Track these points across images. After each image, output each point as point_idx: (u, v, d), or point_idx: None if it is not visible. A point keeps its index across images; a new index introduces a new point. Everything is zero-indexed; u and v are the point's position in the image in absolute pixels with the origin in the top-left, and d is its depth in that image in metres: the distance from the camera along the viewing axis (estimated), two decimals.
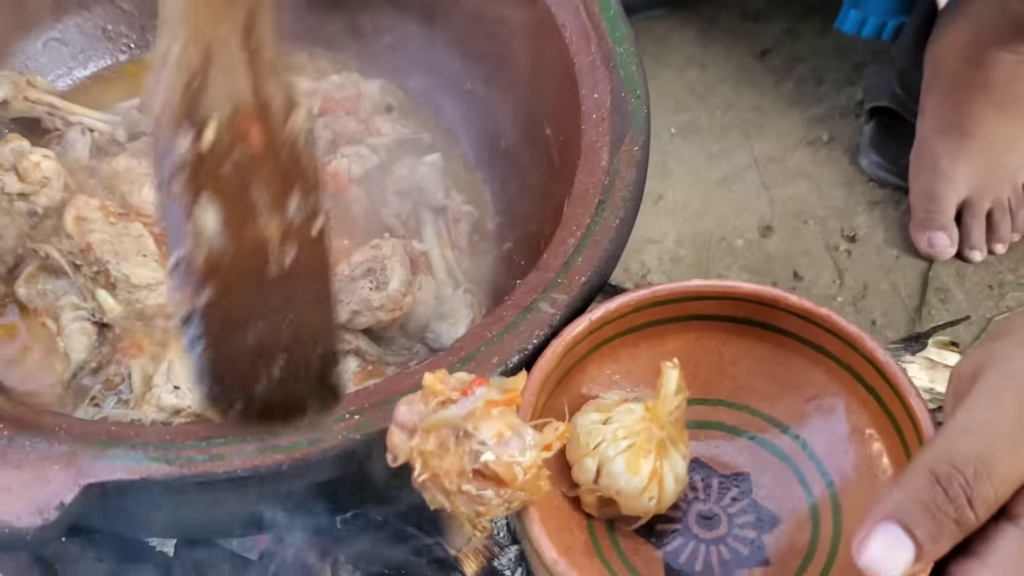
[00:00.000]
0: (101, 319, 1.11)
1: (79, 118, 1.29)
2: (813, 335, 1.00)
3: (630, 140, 1.01)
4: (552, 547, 0.82)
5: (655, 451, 0.91)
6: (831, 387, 1.01)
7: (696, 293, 1.00)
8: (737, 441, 1.03)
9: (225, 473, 0.80)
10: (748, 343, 1.03)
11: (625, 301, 0.95)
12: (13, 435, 0.81)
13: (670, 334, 1.02)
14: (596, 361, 1.00)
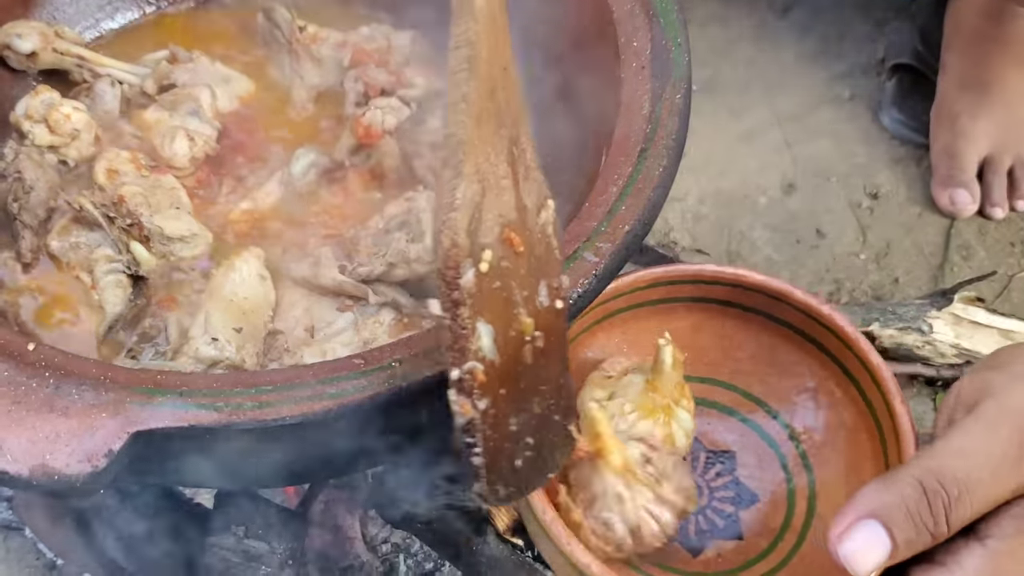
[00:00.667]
0: (136, 271, 1.11)
1: (108, 70, 1.28)
2: (813, 330, 1.05)
3: (671, 88, 0.99)
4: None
5: (665, 417, 0.97)
6: (823, 381, 1.07)
7: (709, 277, 1.06)
8: (729, 421, 1.09)
9: (274, 420, 0.79)
10: (754, 330, 1.09)
11: (639, 277, 0.99)
12: (59, 382, 0.80)
13: (680, 312, 1.08)
14: (606, 329, 1.05)
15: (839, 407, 1.06)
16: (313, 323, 1.12)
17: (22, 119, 1.20)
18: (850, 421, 1.05)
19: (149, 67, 1.31)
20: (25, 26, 1.26)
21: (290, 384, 0.82)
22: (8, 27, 1.25)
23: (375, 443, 0.92)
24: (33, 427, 0.77)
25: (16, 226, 1.14)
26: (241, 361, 1.05)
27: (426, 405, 0.85)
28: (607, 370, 1.04)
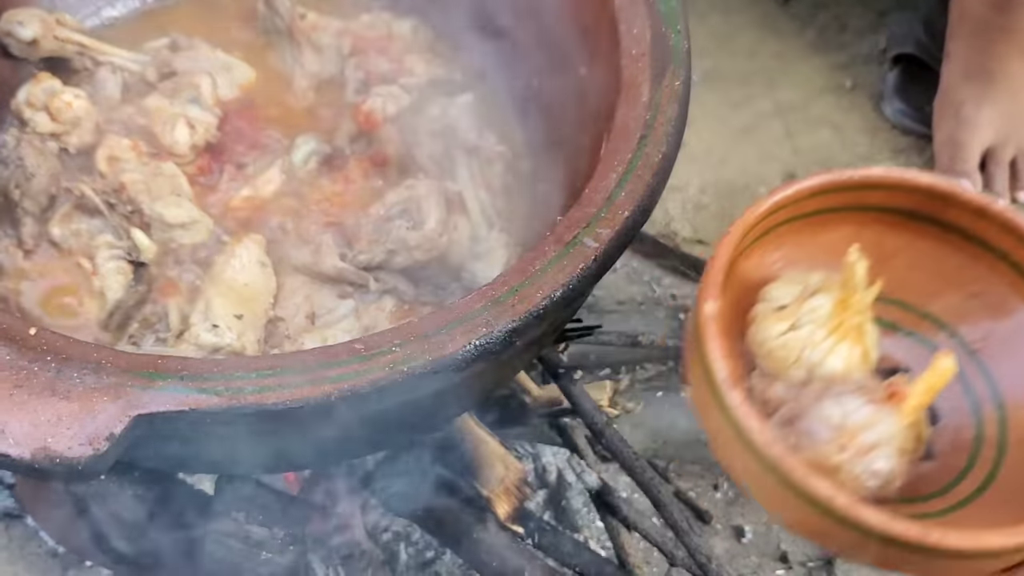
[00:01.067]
0: (137, 258, 1.11)
1: (109, 58, 1.28)
2: (982, 230, 0.98)
3: (671, 75, 1.00)
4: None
5: (857, 337, 0.91)
6: (995, 284, 0.99)
7: (874, 182, 0.98)
8: (895, 336, 1.01)
9: (274, 404, 0.79)
10: (909, 236, 1.01)
11: (803, 187, 0.95)
12: (60, 366, 0.81)
13: (832, 224, 1.00)
14: (760, 248, 0.99)
15: (1014, 308, 0.98)
16: (314, 310, 1.13)
17: (23, 106, 1.20)
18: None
19: (150, 55, 1.31)
20: (26, 13, 1.25)
21: (290, 368, 0.82)
22: (9, 14, 1.25)
23: (376, 429, 0.92)
24: (35, 411, 0.78)
25: (17, 212, 1.14)
26: (242, 348, 1.05)
27: (427, 390, 0.85)
28: (774, 298, 0.97)
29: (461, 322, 0.85)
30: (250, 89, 1.31)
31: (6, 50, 1.27)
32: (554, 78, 1.22)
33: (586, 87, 1.15)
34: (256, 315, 1.09)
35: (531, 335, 0.86)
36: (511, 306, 0.86)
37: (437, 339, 0.84)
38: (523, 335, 0.85)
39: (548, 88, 1.24)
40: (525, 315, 0.85)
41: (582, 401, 1.28)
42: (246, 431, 0.84)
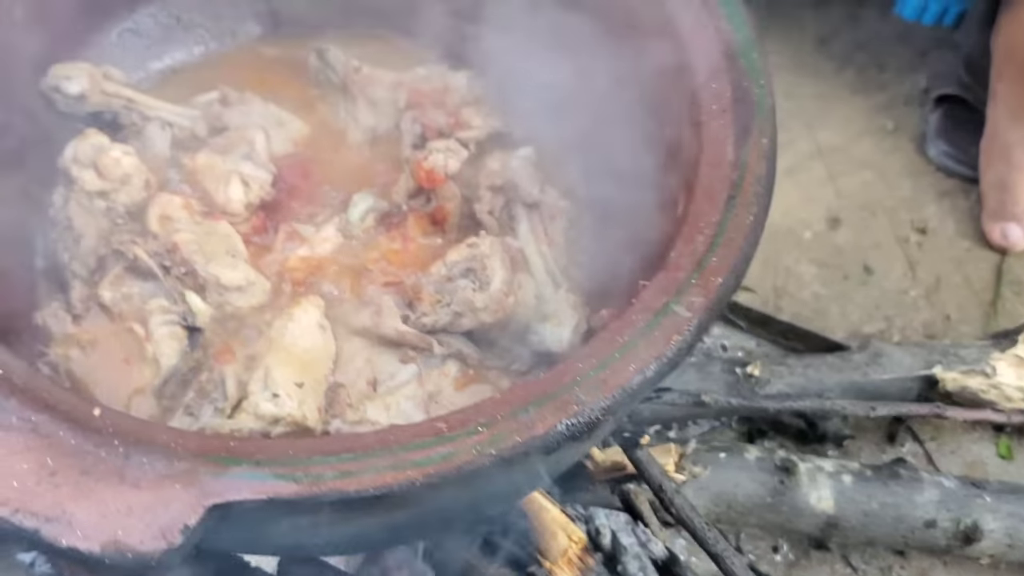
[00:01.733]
0: (192, 323, 1.06)
1: (157, 112, 1.24)
2: None
3: (758, 131, 0.95)
4: None
5: None
6: None
7: None
8: None
9: (356, 491, 0.75)
10: None
11: None
12: (128, 451, 0.76)
13: None
14: None
15: None
16: (375, 375, 1.08)
17: (70, 164, 1.16)
18: None
19: (199, 109, 1.27)
20: (73, 68, 1.22)
21: (371, 452, 0.77)
22: (57, 69, 1.21)
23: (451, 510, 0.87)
24: (103, 500, 0.73)
25: (66, 275, 1.10)
26: (303, 417, 1.00)
27: (513, 472, 0.80)
28: None
29: (549, 399, 0.80)
30: (303, 144, 1.27)
31: (53, 106, 1.23)
32: (620, 132, 1.17)
33: (656, 142, 1.10)
34: (317, 382, 1.04)
35: (623, 412, 0.81)
36: (602, 382, 0.81)
37: (525, 418, 0.79)
38: (615, 413, 0.80)
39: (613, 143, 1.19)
40: (618, 392, 0.80)
41: (649, 467, 1.22)
42: (323, 517, 0.79)
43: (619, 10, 1.11)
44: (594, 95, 1.22)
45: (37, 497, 0.73)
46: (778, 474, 1.45)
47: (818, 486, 1.46)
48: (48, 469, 0.75)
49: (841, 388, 1.62)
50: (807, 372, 1.64)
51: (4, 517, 0.72)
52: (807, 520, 1.47)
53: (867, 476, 1.49)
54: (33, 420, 0.77)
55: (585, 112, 1.24)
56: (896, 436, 1.79)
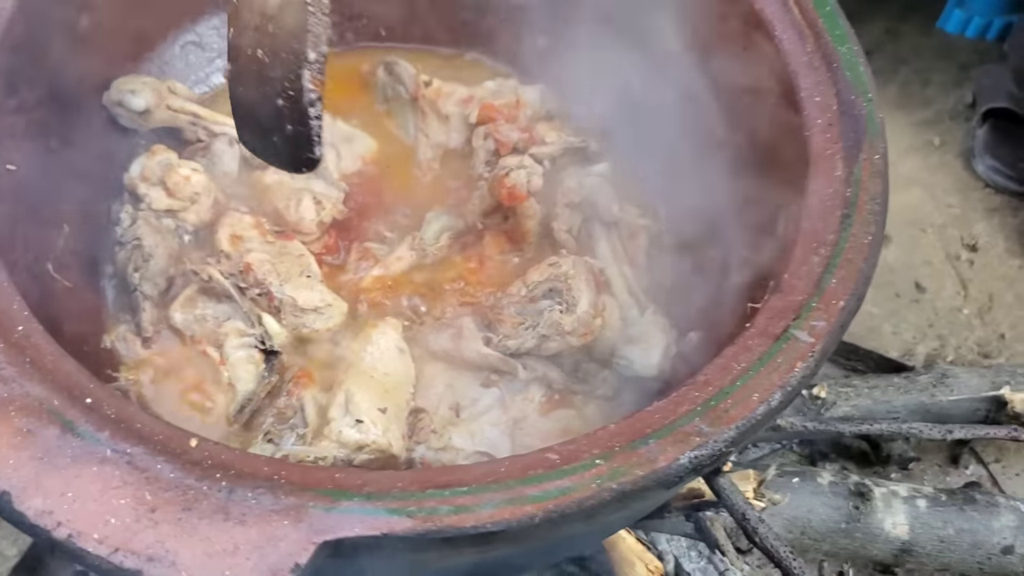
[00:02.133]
0: (270, 346, 1.02)
1: (224, 128, 1.20)
2: None
3: (868, 148, 0.91)
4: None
5: None
6: None
7: None
8: None
9: (473, 527, 0.70)
10: None
11: None
12: (232, 485, 0.72)
13: None
14: None
15: None
16: (457, 401, 1.04)
17: (137, 181, 1.13)
18: None
19: None
20: (137, 82, 1.18)
21: (485, 485, 0.73)
22: (120, 83, 1.17)
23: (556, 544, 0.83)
24: (207, 538, 0.69)
25: (136, 297, 1.06)
26: (388, 444, 0.96)
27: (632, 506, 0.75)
28: None
29: (669, 431, 0.76)
30: (371, 161, 1.23)
31: (115, 121, 1.19)
32: (704, 148, 1.13)
33: (746, 157, 1.06)
34: (399, 407, 1.00)
35: (745, 444, 0.77)
36: (724, 412, 0.76)
37: (645, 451, 0.74)
38: (739, 444, 0.76)
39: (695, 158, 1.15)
40: (741, 423, 0.76)
41: (731, 495, 1.17)
42: (429, 555, 0.75)
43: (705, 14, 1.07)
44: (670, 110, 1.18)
45: (137, 535, 0.69)
46: (852, 499, 1.41)
47: (893, 511, 1.41)
48: (147, 505, 0.70)
49: (908, 409, 1.58)
50: (873, 393, 1.59)
51: (103, 556, 0.68)
52: (880, 546, 1.42)
53: (942, 501, 1.45)
54: (129, 452, 0.73)
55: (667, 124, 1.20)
56: (960, 458, 1.75)
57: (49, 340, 0.80)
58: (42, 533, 0.69)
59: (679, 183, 1.15)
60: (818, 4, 1.00)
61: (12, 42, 0.99)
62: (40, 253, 1.03)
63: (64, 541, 0.68)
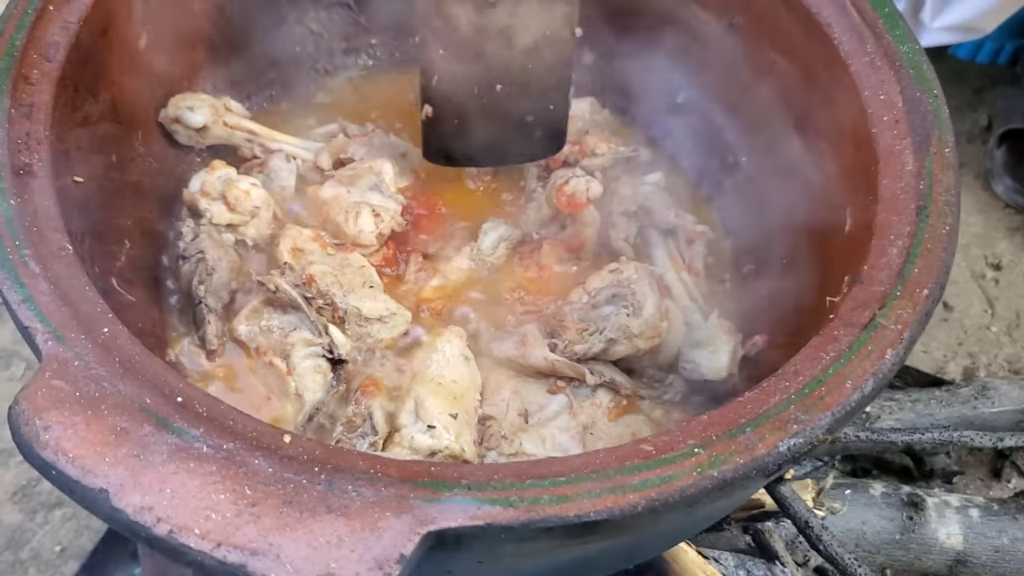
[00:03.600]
0: (338, 355, 1.02)
1: (280, 145, 1.21)
2: None
3: (938, 142, 0.92)
4: None
5: None
6: None
7: None
8: None
9: (576, 516, 0.70)
10: None
11: None
12: (331, 478, 0.71)
13: None
14: None
15: None
16: (525, 407, 1.03)
17: (198, 196, 1.13)
18: None
19: (320, 141, 1.24)
20: (195, 99, 1.19)
21: (584, 475, 0.72)
22: (178, 99, 1.18)
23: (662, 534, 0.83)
24: (311, 531, 0.68)
25: (200, 310, 1.05)
26: (461, 450, 0.96)
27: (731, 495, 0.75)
28: None
29: (765, 419, 0.75)
30: (425, 174, 1.23)
31: (171, 138, 1.19)
32: (758, 151, 1.14)
33: (805, 159, 1.07)
34: (469, 413, 1.00)
35: (840, 431, 0.77)
36: (818, 399, 0.76)
37: (743, 439, 0.74)
38: (835, 432, 0.76)
39: (750, 162, 1.16)
40: (837, 410, 0.75)
41: (793, 503, 1.17)
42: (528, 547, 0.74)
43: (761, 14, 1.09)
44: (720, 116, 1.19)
45: (239, 529, 0.68)
46: (906, 510, 1.40)
47: (946, 522, 1.40)
48: (247, 499, 0.70)
49: (951, 422, 1.58)
50: (916, 407, 1.59)
51: (206, 551, 0.67)
52: (935, 557, 1.41)
53: (994, 510, 1.44)
54: (225, 448, 0.72)
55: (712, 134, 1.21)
56: (1002, 471, 1.74)
57: (135, 341, 0.79)
58: (142, 530, 0.68)
59: (724, 193, 1.16)
60: (877, 5, 1.01)
61: (78, 56, 0.99)
62: (105, 267, 1.02)
63: (165, 537, 0.67)
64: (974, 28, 1.98)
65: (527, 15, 1.03)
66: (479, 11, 1.02)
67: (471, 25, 1.03)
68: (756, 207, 1.14)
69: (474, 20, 1.03)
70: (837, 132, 1.01)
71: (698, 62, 1.19)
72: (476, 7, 1.01)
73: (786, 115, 1.09)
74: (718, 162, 1.20)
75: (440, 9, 1.02)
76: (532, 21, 1.03)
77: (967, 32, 2.00)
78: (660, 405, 1.06)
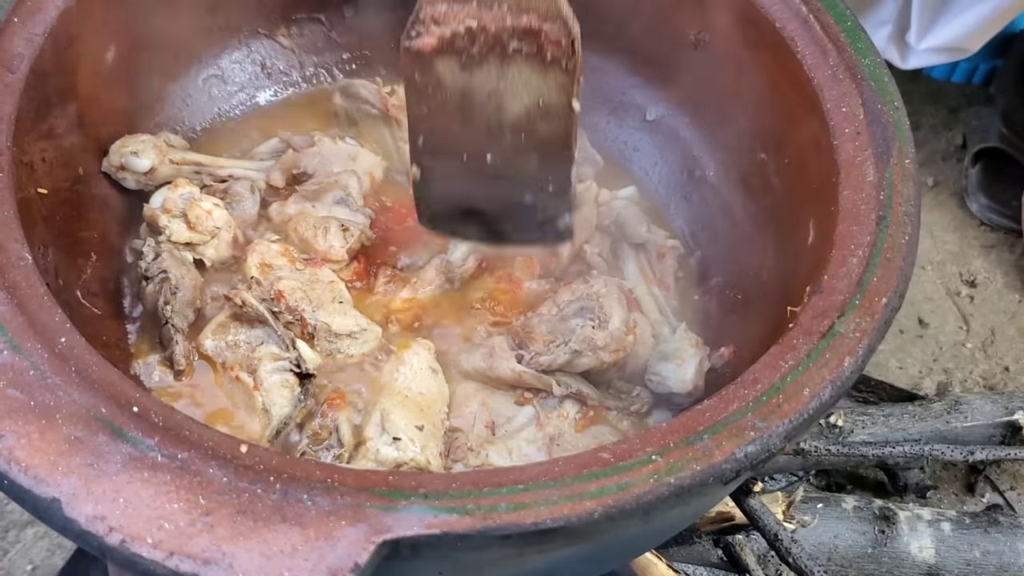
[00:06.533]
0: (306, 370, 1.01)
1: (229, 171, 1.20)
2: None
3: (898, 153, 0.93)
4: None
5: None
6: None
7: None
8: None
9: (533, 524, 0.69)
10: None
11: None
12: (286, 487, 0.71)
13: None
14: None
15: None
16: (492, 419, 1.03)
17: (159, 212, 1.12)
18: None
19: (268, 159, 1.23)
20: (136, 142, 1.16)
21: (542, 483, 0.72)
22: (118, 146, 1.15)
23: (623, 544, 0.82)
24: (265, 540, 0.68)
25: (167, 331, 1.04)
26: (426, 462, 0.95)
27: (688, 504, 0.75)
28: None
29: (722, 426, 0.76)
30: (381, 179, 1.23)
31: (120, 186, 1.17)
32: (723, 166, 1.15)
33: (767, 172, 1.08)
34: (435, 425, 1.00)
35: (798, 439, 0.77)
36: (776, 407, 0.76)
37: (701, 446, 0.74)
38: (792, 439, 0.76)
39: (715, 177, 1.17)
40: (796, 417, 0.76)
41: (762, 516, 1.17)
42: (485, 555, 0.74)
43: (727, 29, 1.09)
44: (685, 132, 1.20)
45: (192, 539, 0.67)
46: (877, 523, 1.40)
47: (918, 535, 1.41)
48: (201, 509, 0.69)
49: (924, 436, 1.58)
50: (889, 421, 1.59)
51: (158, 561, 0.67)
52: (907, 571, 1.41)
53: (966, 524, 1.44)
54: (180, 458, 0.72)
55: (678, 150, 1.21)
56: (975, 486, 1.74)
57: (92, 351, 0.79)
58: (94, 540, 0.67)
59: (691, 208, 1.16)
60: (839, 19, 1.02)
61: (43, 68, 0.99)
62: (69, 280, 1.02)
63: (117, 547, 0.67)
64: (960, 48, 2.00)
65: (518, 79, 0.93)
66: (465, 69, 0.94)
67: (456, 84, 0.95)
68: (723, 220, 1.14)
69: (459, 78, 0.95)
70: (800, 145, 1.01)
71: (663, 78, 1.19)
72: (461, 64, 0.93)
73: (751, 129, 1.10)
74: (683, 179, 1.20)
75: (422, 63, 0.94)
76: (524, 87, 0.93)
77: (953, 53, 2.03)
78: (627, 416, 1.06)
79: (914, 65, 2.05)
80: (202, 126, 1.30)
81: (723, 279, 1.14)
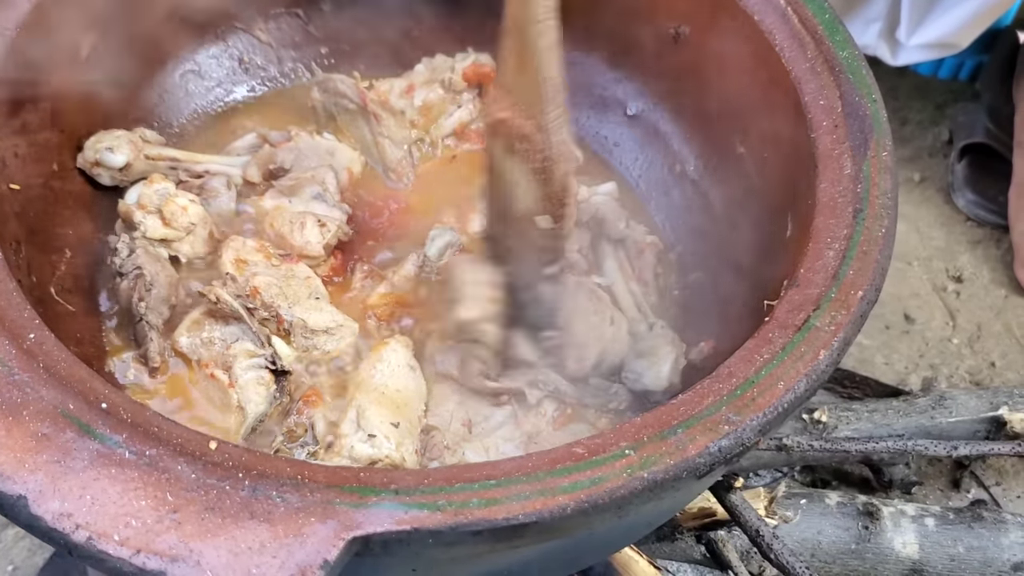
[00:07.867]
0: (281, 367, 1.01)
1: (205, 166, 1.19)
2: None
3: (876, 145, 0.92)
4: None
5: None
6: None
7: None
8: None
9: (504, 519, 0.69)
10: None
11: None
12: (255, 484, 0.70)
13: None
14: None
15: None
16: (470, 417, 1.02)
17: (134, 208, 1.11)
18: None
19: (242, 155, 1.22)
20: (111, 137, 1.15)
21: (514, 478, 0.71)
22: (93, 142, 1.15)
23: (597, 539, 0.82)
24: (233, 537, 0.67)
25: (142, 328, 1.03)
26: (401, 460, 0.95)
27: (662, 499, 0.74)
28: None
29: (696, 420, 0.75)
30: (359, 173, 1.23)
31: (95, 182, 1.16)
32: (703, 160, 1.14)
33: (746, 166, 1.07)
34: (411, 422, 0.99)
35: (772, 432, 0.76)
36: (750, 400, 0.76)
37: (674, 440, 0.73)
38: (766, 433, 0.75)
39: (696, 172, 1.16)
40: (770, 410, 0.75)
41: (744, 511, 1.16)
42: (457, 551, 0.73)
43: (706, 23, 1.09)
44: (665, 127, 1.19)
45: (160, 536, 0.67)
46: (861, 519, 1.39)
47: (902, 531, 1.40)
48: (169, 506, 0.68)
49: (908, 432, 1.58)
50: (873, 417, 1.59)
51: (125, 558, 0.66)
52: (892, 567, 1.40)
53: (950, 519, 1.43)
54: (148, 455, 0.71)
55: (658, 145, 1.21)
56: (961, 482, 1.74)
57: (61, 347, 0.78)
58: (60, 537, 0.67)
59: (671, 203, 1.16)
60: (817, 12, 1.01)
61: (15, 63, 0.98)
62: (43, 276, 1.01)
63: (83, 544, 0.66)
64: (950, 44, 2.00)
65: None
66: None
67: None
68: (702, 215, 1.14)
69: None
70: (778, 138, 1.01)
71: (644, 72, 1.19)
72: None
73: (730, 123, 1.09)
74: (663, 174, 1.19)
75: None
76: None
77: (943, 49, 2.03)
78: (605, 414, 1.05)
79: (904, 61, 2.05)
80: (179, 122, 1.29)
81: (703, 274, 1.14)
